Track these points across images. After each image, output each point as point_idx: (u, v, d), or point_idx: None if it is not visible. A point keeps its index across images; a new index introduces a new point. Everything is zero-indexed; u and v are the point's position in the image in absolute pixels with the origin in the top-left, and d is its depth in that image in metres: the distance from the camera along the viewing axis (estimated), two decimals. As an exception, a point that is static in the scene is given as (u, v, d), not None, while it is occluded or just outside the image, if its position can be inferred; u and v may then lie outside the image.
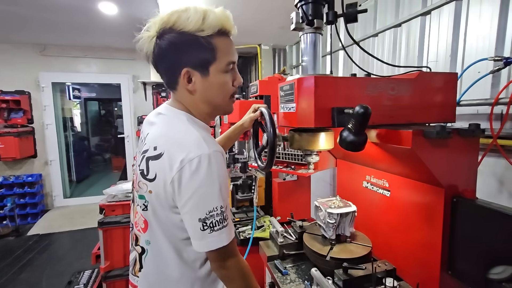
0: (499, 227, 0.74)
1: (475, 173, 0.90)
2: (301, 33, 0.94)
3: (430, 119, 1.00)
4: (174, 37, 0.72)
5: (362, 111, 0.72)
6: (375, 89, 0.90)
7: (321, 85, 0.84)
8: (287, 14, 3.00)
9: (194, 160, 0.67)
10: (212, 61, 0.75)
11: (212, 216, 0.68)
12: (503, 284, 0.73)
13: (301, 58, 0.97)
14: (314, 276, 0.96)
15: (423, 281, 0.93)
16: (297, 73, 3.85)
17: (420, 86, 0.96)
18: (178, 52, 0.73)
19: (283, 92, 0.97)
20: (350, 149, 0.80)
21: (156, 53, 0.74)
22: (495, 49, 1.35)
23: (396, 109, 0.93)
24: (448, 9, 1.61)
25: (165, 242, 0.76)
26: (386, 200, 1.12)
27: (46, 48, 4.38)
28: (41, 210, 4.38)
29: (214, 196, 0.68)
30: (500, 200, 1.34)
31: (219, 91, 0.79)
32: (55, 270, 2.90)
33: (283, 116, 0.99)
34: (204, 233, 0.68)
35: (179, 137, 0.73)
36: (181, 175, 0.67)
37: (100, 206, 1.88)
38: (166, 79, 0.80)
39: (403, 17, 1.92)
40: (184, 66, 0.74)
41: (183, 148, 0.69)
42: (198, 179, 0.67)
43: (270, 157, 0.98)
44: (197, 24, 0.71)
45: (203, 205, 0.68)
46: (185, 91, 0.78)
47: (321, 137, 0.94)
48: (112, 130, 8.01)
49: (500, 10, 1.34)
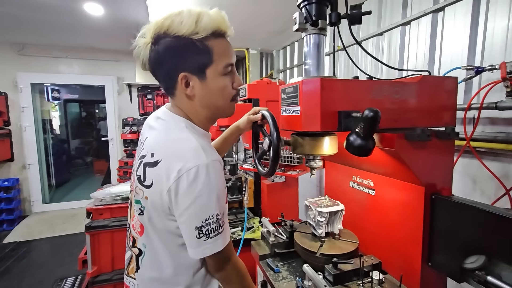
0: (472, 221, 0.82)
1: (451, 172, 0.99)
2: (304, 34, 0.91)
3: (432, 123, 0.99)
4: (169, 42, 0.71)
5: (372, 114, 0.70)
6: (380, 92, 0.89)
7: (327, 88, 0.81)
8: (276, 20, 3.07)
9: (192, 170, 0.66)
10: (209, 64, 0.73)
11: (208, 224, 0.69)
12: (476, 272, 0.81)
13: (304, 59, 0.93)
14: (306, 271, 1.00)
15: (406, 273, 1.00)
16: (284, 77, 3.92)
17: (423, 89, 0.96)
18: (174, 57, 0.72)
19: (285, 94, 0.94)
20: (358, 154, 0.77)
21: (153, 59, 0.73)
22: (467, 59, 1.47)
23: (400, 113, 0.93)
24: (426, 20, 1.73)
25: (161, 247, 0.76)
26: (371, 198, 1.19)
27: (25, 48, 4.22)
28: (18, 216, 4.18)
29: (211, 205, 0.69)
30: (473, 197, 1.45)
31: (219, 95, 0.78)
32: (35, 278, 2.78)
33: (285, 119, 0.95)
34: (200, 241, 0.69)
35: (177, 146, 0.72)
36: (178, 184, 0.66)
37: (87, 210, 1.84)
38: (164, 85, 0.79)
39: (384, 26, 2.04)
40: (181, 70, 0.73)
41: (181, 157, 0.68)
42: (196, 189, 0.66)
43: (274, 162, 0.92)
44: (191, 27, 0.69)
45: (200, 214, 0.68)
46: (183, 96, 0.77)
47: (325, 142, 0.91)
48: (94, 133, 7.78)
49: (471, 24, 1.47)
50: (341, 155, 0.94)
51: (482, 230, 0.79)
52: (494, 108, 1.25)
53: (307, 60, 0.92)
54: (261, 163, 1.08)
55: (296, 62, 3.52)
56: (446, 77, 1.07)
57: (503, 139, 1.28)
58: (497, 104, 1.22)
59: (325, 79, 0.82)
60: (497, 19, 1.35)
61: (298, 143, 0.94)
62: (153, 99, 4.94)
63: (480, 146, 1.39)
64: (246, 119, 1.09)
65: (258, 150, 1.10)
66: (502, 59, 1.29)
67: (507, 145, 1.25)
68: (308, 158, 0.98)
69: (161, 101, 4.97)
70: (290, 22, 3.11)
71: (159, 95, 4.96)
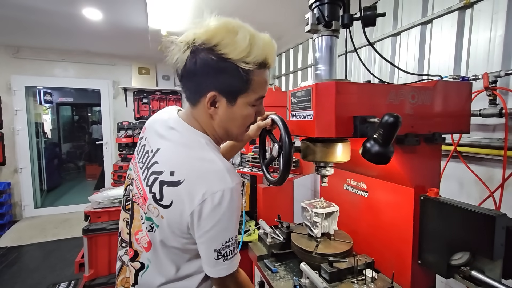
0: (458, 220, 0.88)
1: (439, 174, 1.05)
2: (316, 35, 0.88)
3: (447, 129, 0.98)
4: (212, 60, 0.66)
5: (392, 120, 0.66)
6: (397, 97, 0.86)
7: (342, 92, 0.78)
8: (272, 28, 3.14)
9: (217, 194, 0.65)
10: (243, 92, 0.71)
11: (227, 247, 0.69)
12: (461, 268, 0.86)
13: (315, 62, 0.89)
14: (303, 269, 1.05)
15: (397, 271, 1.04)
16: (279, 83, 4.00)
17: (438, 94, 0.94)
18: (211, 75, 0.68)
19: (296, 98, 0.89)
20: (376, 162, 0.74)
21: (188, 67, 0.69)
22: (454, 69, 1.56)
23: (417, 118, 0.90)
24: (415, 32, 1.82)
25: (168, 263, 0.76)
26: (365, 200, 1.24)
27: (20, 51, 4.20)
28: (9, 221, 4.10)
29: (231, 228, 0.70)
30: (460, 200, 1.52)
31: (240, 122, 0.77)
32: (26, 283, 2.73)
33: (295, 124, 0.91)
34: (218, 262, 0.69)
35: (201, 167, 0.69)
36: (202, 208, 0.66)
37: (85, 213, 1.85)
38: (188, 94, 0.75)
39: (376, 36, 2.13)
40: (213, 89, 0.70)
41: (206, 180, 0.66)
42: (219, 213, 0.66)
43: (285, 170, 0.87)
44: (242, 53, 0.66)
45: (220, 237, 0.68)
46: (205, 111, 0.74)
47: (338, 148, 0.87)
48: (86, 137, 7.70)
49: (457, 35, 1.56)
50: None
51: (467, 228, 0.85)
52: (478, 115, 1.33)
53: (319, 63, 0.88)
54: (269, 171, 1.04)
55: (291, 69, 3.61)
56: (460, 82, 1.06)
57: (486, 145, 1.36)
58: (480, 111, 1.30)
59: (340, 82, 0.79)
60: (480, 31, 1.45)
61: (309, 149, 0.90)
62: (148, 103, 4.95)
63: (466, 151, 1.47)
64: (256, 126, 1.02)
65: (266, 157, 1.05)
66: (485, 69, 1.37)
67: (491, 150, 1.33)
68: (319, 166, 0.94)
69: (157, 105, 4.98)
70: (286, 29, 3.21)
71: (155, 99, 4.98)
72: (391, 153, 0.73)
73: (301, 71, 3.36)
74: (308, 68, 3.19)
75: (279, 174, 0.91)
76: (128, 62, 4.74)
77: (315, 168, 0.99)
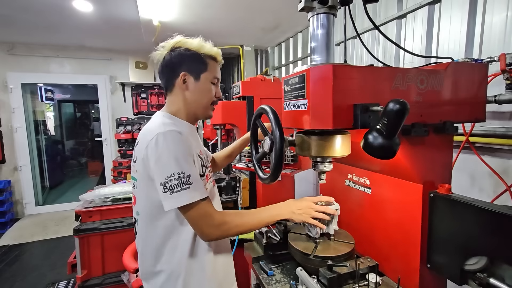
0: (473, 220, 0.77)
1: (450, 169, 0.94)
2: (311, 14, 0.78)
3: (460, 118, 0.88)
4: (181, 51, 0.97)
5: (398, 107, 0.58)
6: (403, 82, 0.76)
7: (340, 76, 0.69)
8: (269, 15, 3.03)
9: (153, 138, 0.85)
10: (204, 71, 0.99)
11: (171, 180, 0.82)
12: (477, 274, 0.76)
13: (310, 44, 0.80)
14: (299, 275, 0.96)
15: (404, 275, 0.95)
16: (279, 74, 3.87)
17: (451, 78, 0.83)
18: (181, 61, 0.97)
19: (289, 86, 0.80)
20: (379, 156, 0.67)
21: (165, 61, 0.98)
22: (465, 52, 1.43)
23: (426, 106, 0.80)
24: (422, 13, 1.68)
25: (148, 212, 0.93)
26: (368, 197, 1.14)
27: (14, 47, 4.14)
28: (10, 219, 4.11)
29: (172, 164, 0.82)
30: (472, 194, 1.41)
31: (205, 94, 1.01)
32: (27, 282, 2.72)
33: (289, 115, 0.82)
34: (165, 195, 0.83)
35: (148, 127, 0.94)
36: (147, 151, 0.86)
37: (76, 213, 1.78)
38: (165, 81, 1.00)
39: (380, 20, 1.99)
40: (183, 70, 0.97)
41: (148, 133, 0.89)
42: (158, 152, 0.84)
43: (276, 166, 0.81)
44: (198, 45, 0.98)
45: (163, 172, 0.83)
46: (179, 90, 0.99)
47: (337, 141, 0.78)
48: (89, 133, 7.68)
49: (469, 15, 1.42)
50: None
51: (484, 230, 0.75)
52: (493, 101, 1.20)
53: (314, 45, 0.78)
54: (261, 167, 0.96)
55: (291, 59, 3.47)
56: (475, 63, 0.95)
57: (502, 134, 1.24)
58: (496, 97, 1.18)
59: (338, 65, 0.69)
60: (495, 8, 1.31)
61: (305, 143, 0.81)
62: (147, 98, 4.87)
63: (479, 142, 1.35)
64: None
65: (258, 151, 0.98)
66: (501, 50, 1.24)
67: (507, 140, 1.21)
68: (315, 161, 0.86)
69: (155, 100, 4.90)
70: (283, 17, 3.08)
71: (153, 94, 4.89)
72: (397, 146, 0.65)
73: (301, 60, 3.23)
74: (308, 58, 3.06)
75: (270, 171, 0.83)
76: (125, 56, 4.64)
77: (312, 164, 0.89)
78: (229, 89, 4.10)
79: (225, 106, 2.21)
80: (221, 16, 2.84)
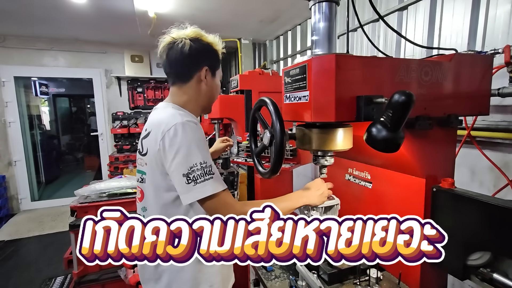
0: (477, 215, 0.76)
1: (453, 163, 0.92)
2: (312, 2, 0.76)
3: (464, 111, 0.87)
4: (204, 44, 0.95)
5: (404, 99, 0.57)
6: (407, 73, 0.74)
7: (343, 67, 0.66)
8: (267, 7, 2.97)
9: (171, 129, 0.82)
10: (218, 67, 1.01)
11: (194, 171, 0.79)
12: (480, 269, 0.75)
13: (312, 35, 0.77)
14: (299, 270, 0.95)
15: (405, 270, 0.94)
16: (277, 68, 3.83)
17: (456, 70, 0.82)
18: (205, 54, 0.95)
19: (289, 78, 0.78)
20: (382, 149, 0.65)
21: (189, 50, 0.91)
22: (468, 44, 1.40)
23: (430, 98, 0.79)
24: (424, 5, 1.65)
25: (157, 206, 0.89)
26: (368, 192, 1.13)
27: (6, 40, 4.03)
28: (6, 215, 4.06)
29: (194, 154, 0.81)
30: (472, 188, 1.40)
31: (216, 91, 1.04)
32: (23, 277, 2.70)
33: (289, 108, 0.80)
34: (189, 186, 0.79)
35: (160, 117, 0.90)
36: (164, 142, 0.82)
37: (71, 208, 1.75)
38: (181, 70, 0.95)
39: (381, 12, 1.95)
40: (206, 65, 0.95)
41: (162, 123, 0.85)
42: (177, 142, 0.81)
43: (277, 160, 0.79)
44: (215, 41, 0.98)
45: (185, 163, 0.80)
46: (196, 83, 0.96)
47: (339, 135, 0.76)
48: (85, 128, 7.60)
49: (472, 7, 1.39)
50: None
51: (487, 224, 0.74)
52: (496, 95, 1.18)
53: (315, 35, 0.76)
54: (260, 162, 0.94)
55: (290, 52, 3.43)
56: (481, 55, 0.94)
57: (505, 128, 1.22)
58: (499, 90, 1.16)
59: (341, 55, 0.67)
60: (499, 3, 1.29)
61: (306, 137, 0.79)
62: (143, 92, 4.80)
63: (480, 136, 1.34)
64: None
65: (257, 145, 0.96)
66: (505, 42, 1.22)
67: (509, 134, 1.20)
68: (316, 155, 0.84)
69: (152, 94, 4.83)
70: (281, 9, 3.03)
71: (149, 88, 4.82)
72: (402, 139, 0.63)
73: (300, 54, 3.19)
74: (307, 51, 3.02)
75: (270, 165, 0.81)
76: (120, 49, 4.55)
77: (313, 158, 0.87)
78: (227, 83, 4.05)
79: (223, 100, 2.18)
80: (219, 8, 2.78)
